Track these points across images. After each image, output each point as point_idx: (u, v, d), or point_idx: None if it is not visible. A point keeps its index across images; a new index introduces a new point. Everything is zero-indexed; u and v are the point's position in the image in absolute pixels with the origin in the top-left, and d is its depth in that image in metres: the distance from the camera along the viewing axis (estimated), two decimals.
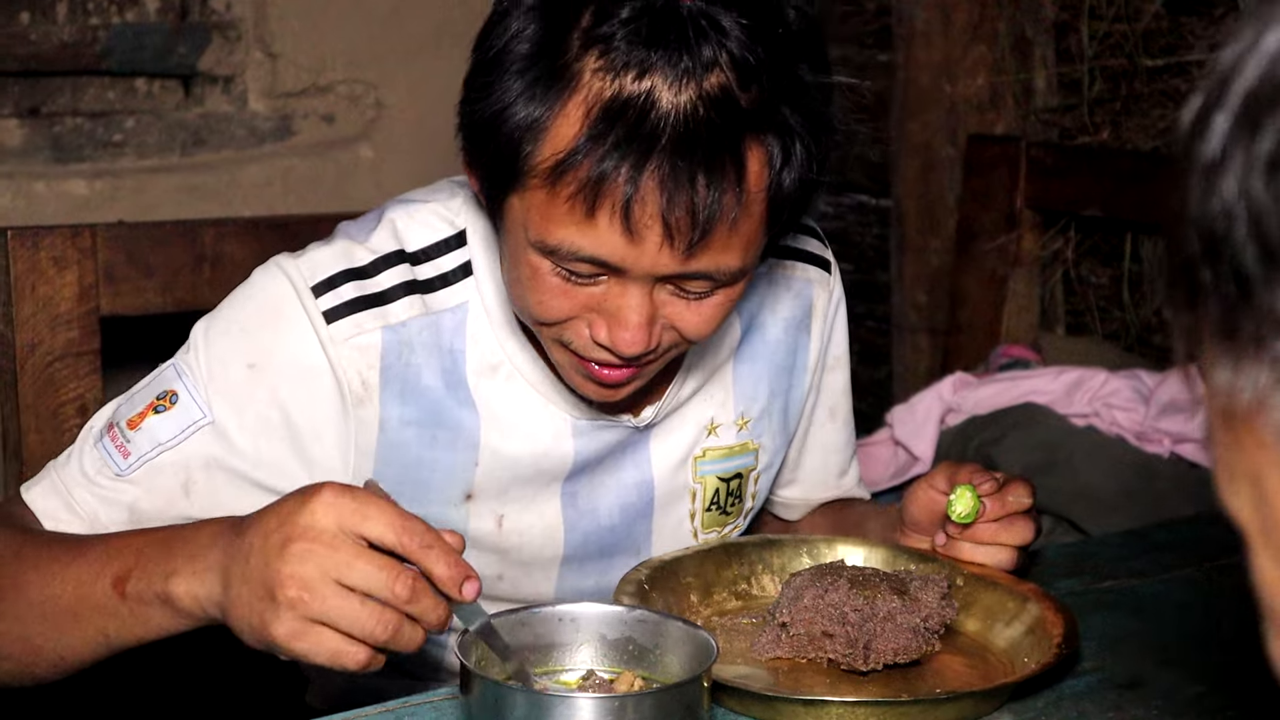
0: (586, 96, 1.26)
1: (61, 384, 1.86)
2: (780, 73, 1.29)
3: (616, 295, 1.33)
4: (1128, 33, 2.93)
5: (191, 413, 1.43)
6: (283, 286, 1.45)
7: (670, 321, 1.36)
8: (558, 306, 1.35)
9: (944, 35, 3.18)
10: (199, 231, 1.96)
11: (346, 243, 1.48)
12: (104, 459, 1.44)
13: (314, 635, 1.16)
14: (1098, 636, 1.47)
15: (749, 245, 1.33)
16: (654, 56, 1.25)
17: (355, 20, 3.04)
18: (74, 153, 2.87)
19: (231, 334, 1.45)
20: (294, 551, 1.15)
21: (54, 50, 2.81)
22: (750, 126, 1.27)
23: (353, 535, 1.16)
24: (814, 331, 1.66)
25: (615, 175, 1.25)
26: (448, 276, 1.48)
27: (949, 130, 3.21)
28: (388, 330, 1.44)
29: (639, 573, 1.45)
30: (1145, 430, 2.53)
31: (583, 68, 1.26)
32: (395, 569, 1.16)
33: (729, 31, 1.26)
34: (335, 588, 1.15)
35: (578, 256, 1.30)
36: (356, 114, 3.10)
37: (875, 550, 1.55)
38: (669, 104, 1.24)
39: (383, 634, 1.16)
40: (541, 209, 1.30)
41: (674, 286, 1.34)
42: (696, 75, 1.25)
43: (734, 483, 1.62)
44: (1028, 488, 1.52)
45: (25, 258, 1.83)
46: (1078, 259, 3.11)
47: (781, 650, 1.38)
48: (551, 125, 1.27)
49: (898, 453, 2.74)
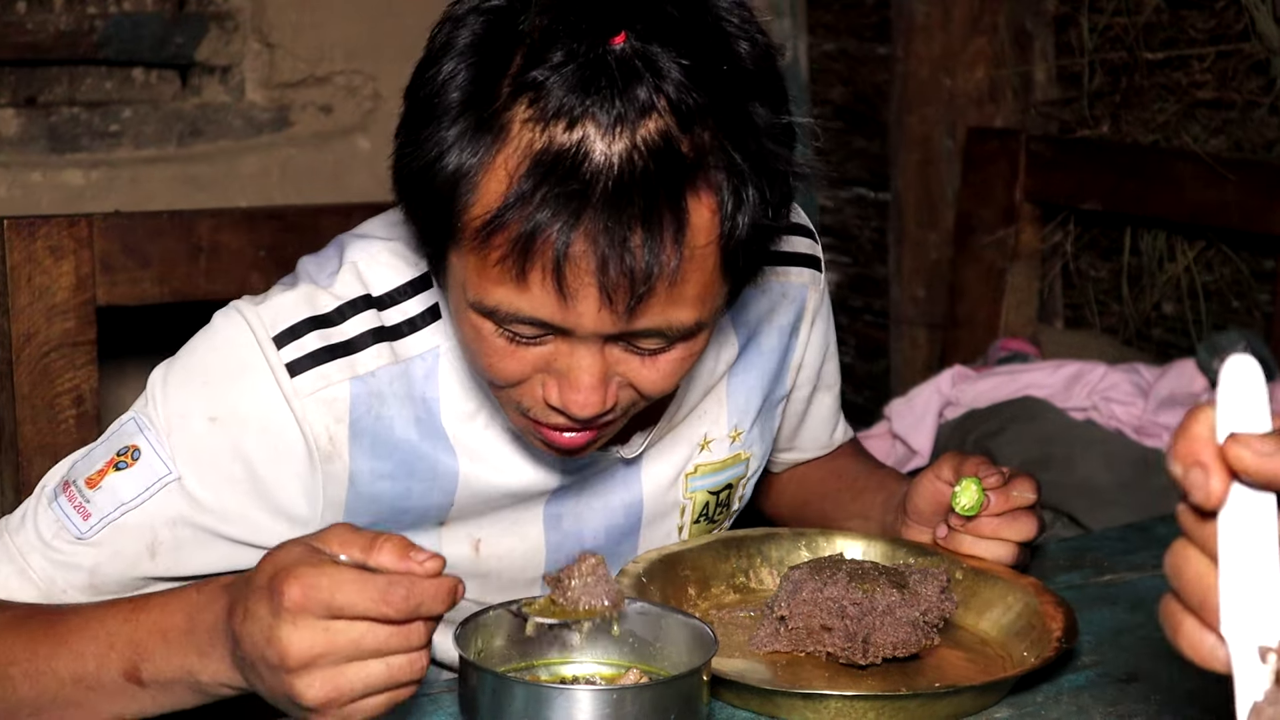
0: (517, 149, 1.17)
1: (57, 375, 1.86)
2: (728, 114, 1.20)
3: (565, 355, 1.25)
4: (1128, 26, 2.93)
5: (156, 469, 1.35)
6: (243, 336, 1.37)
7: (626, 379, 1.29)
8: (507, 369, 1.27)
9: (943, 28, 3.18)
10: (196, 222, 1.96)
11: (310, 288, 1.39)
12: (61, 521, 1.36)
13: (361, 710, 1.10)
14: (1097, 631, 1.46)
15: (703, 297, 1.24)
16: (586, 103, 1.16)
17: (353, 11, 3.03)
18: (71, 142, 2.86)
19: (191, 386, 1.37)
20: (295, 668, 1.08)
21: (51, 39, 2.81)
22: (693, 175, 1.19)
23: (334, 612, 1.08)
24: (803, 332, 1.63)
25: (545, 235, 1.16)
26: (415, 321, 1.40)
27: (948, 123, 3.20)
28: (356, 381, 1.37)
29: (637, 566, 1.44)
30: (1144, 424, 2.53)
31: (512, 117, 1.18)
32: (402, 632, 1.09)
33: (667, 73, 1.17)
34: (353, 668, 1.09)
35: (517, 318, 1.22)
36: (354, 105, 3.09)
37: (874, 544, 1.54)
38: (602, 155, 1.16)
39: (421, 671, 1.11)
40: (476, 269, 1.22)
41: (626, 343, 1.26)
42: (631, 122, 1.16)
43: (724, 493, 1.60)
44: (1032, 484, 1.51)
45: (21, 247, 1.83)
46: (1077, 252, 3.11)
47: (780, 644, 1.38)
48: (481, 180, 1.19)
49: (896, 446, 2.74)
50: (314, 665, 1.08)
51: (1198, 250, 2.88)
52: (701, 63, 1.19)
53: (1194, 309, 2.89)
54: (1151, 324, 3.00)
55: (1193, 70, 2.84)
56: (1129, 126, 2.95)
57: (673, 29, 1.20)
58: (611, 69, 1.17)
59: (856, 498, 1.73)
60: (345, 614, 1.08)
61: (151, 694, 1.22)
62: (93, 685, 1.23)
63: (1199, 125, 2.83)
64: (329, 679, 1.08)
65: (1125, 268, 3.01)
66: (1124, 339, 3.04)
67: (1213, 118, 2.82)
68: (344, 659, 1.08)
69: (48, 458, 1.81)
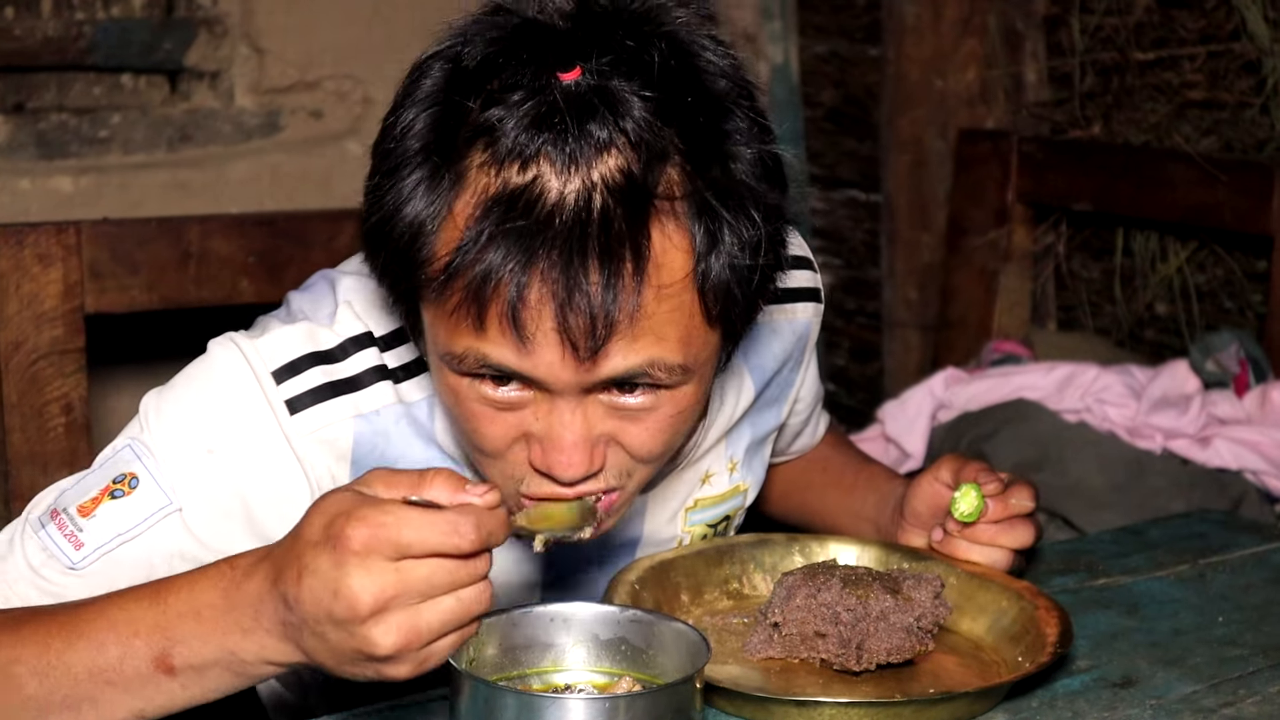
0: (474, 194, 1.15)
1: (46, 382, 1.85)
2: (697, 149, 1.16)
3: (545, 414, 1.21)
4: (1119, 26, 2.93)
5: (156, 498, 1.30)
6: (241, 371, 1.32)
7: (616, 440, 1.24)
8: (491, 434, 1.23)
9: (934, 29, 3.18)
10: (185, 228, 1.95)
11: (309, 325, 1.35)
12: (49, 549, 1.30)
13: (433, 655, 1.06)
14: (1092, 635, 1.46)
15: (686, 341, 1.19)
16: (539, 141, 1.13)
17: (343, 16, 3.02)
18: (59, 149, 2.85)
19: (188, 415, 1.32)
20: (368, 616, 1.03)
21: (39, 45, 2.80)
22: (658, 210, 1.14)
23: (403, 550, 1.04)
24: (804, 364, 1.61)
25: (498, 277, 1.13)
26: (410, 367, 1.36)
27: (939, 125, 3.20)
28: (360, 419, 1.34)
29: (631, 573, 1.44)
30: (1137, 426, 2.52)
31: (470, 164, 1.15)
32: (469, 565, 1.05)
33: (629, 109, 1.14)
34: (427, 607, 1.04)
35: (484, 364, 1.18)
36: (344, 110, 3.08)
37: (868, 549, 1.54)
38: (556, 193, 1.13)
39: (486, 603, 1.06)
40: (440, 319, 1.19)
41: (608, 397, 1.22)
42: (587, 159, 1.12)
43: (721, 525, 1.59)
44: (1031, 491, 1.51)
45: (9, 255, 1.82)
46: (1069, 254, 3.10)
47: (774, 650, 1.37)
48: (441, 228, 1.16)
49: (889, 449, 2.73)
50: (388, 609, 1.03)
51: (1190, 251, 2.88)
52: (667, 95, 1.16)
53: (1186, 310, 2.89)
54: (1144, 325, 3.00)
55: (1184, 70, 2.84)
56: (1120, 127, 2.94)
57: (633, 61, 1.16)
58: (568, 107, 1.13)
59: (847, 494, 1.72)
60: (415, 551, 1.03)
61: (181, 682, 1.14)
62: (113, 678, 1.15)
63: (1190, 126, 2.83)
64: (405, 621, 1.03)
65: (1118, 269, 3.00)
66: (1117, 340, 3.03)
67: (1204, 118, 2.81)
68: (418, 598, 1.03)
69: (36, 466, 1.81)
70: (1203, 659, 1.41)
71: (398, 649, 1.04)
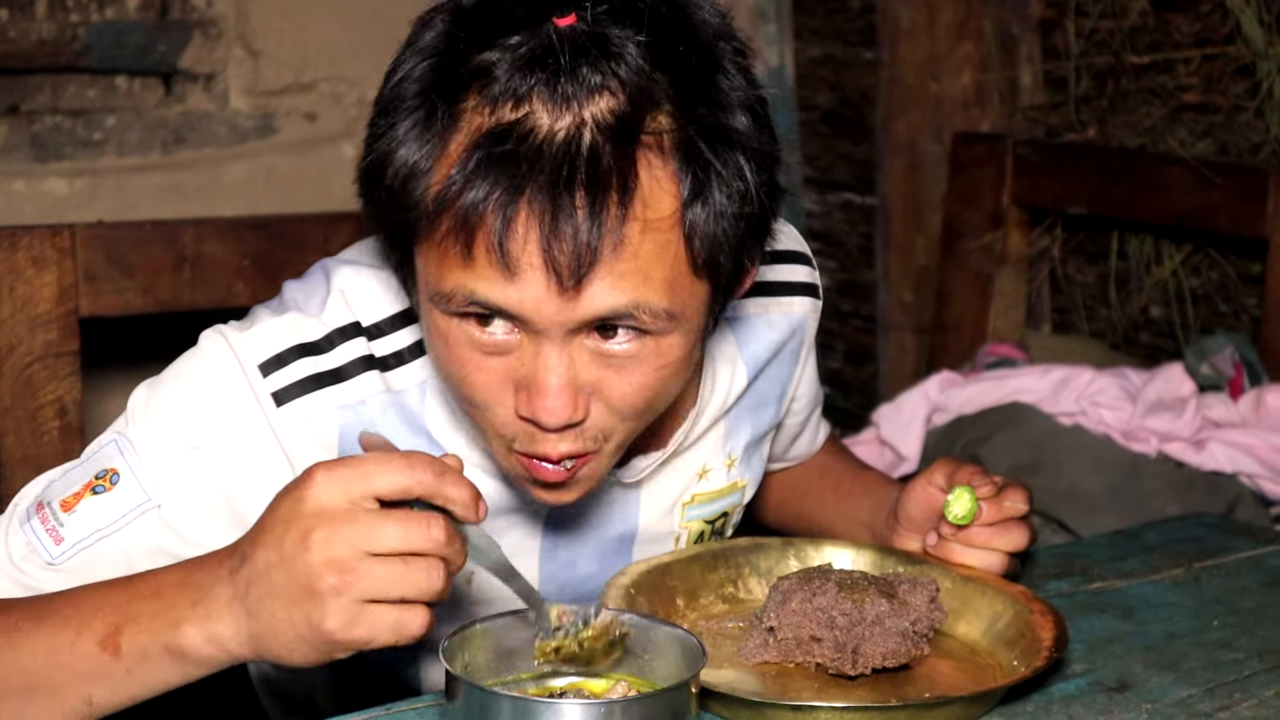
0: (468, 132, 1.18)
1: (40, 385, 1.85)
2: (688, 94, 1.19)
3: (531, 357, 1.23)
4: (1114, 29, 2.93)
5: (135, 494, 1.31)
6: (228, 363, 1.34)
7: (598, 391, 1.25)
8: (478, 381, 1.25)
9: (929, 33, 3.18)
10: (179, 231, 1.95)
11: (297, 315, 1.36)
12: (32, 544, 1.31)
13: (368, 615, 1.10)
14: (1087, 639, 1.46)
15: (672, 283, 1.21)
16: (532, 81, 1.16)
17: (337, 17, 3.02)
18: (54, 151, 2.84)
19: (174, 411, 1.33)
20: (316, 541, 1.09)
21: (33, 47, 2.79)
22: (646, 148, 1.17)
23: (365, 500, 1.10)
24: (800, 360, 1.62)
25: (486, 205, 1.15)
26: (402, 355, 1.38)
27: (934, 128, 3.20)
28: (346, 410, 1.35)
29: (625, 577, 1.43)
30: (1132, 429, 2.52)
31: (465, 105, 1.18)
32: (423, 518, 1.10)
33: (621, 52, 1.17)
34: (373, 559, 1.09)
35: (471, 300, 1.20)
36: (339, 112, 3.08)
37: (863, 553, 1.54)
38: (546, 128, 1.15)
39: (438, 581, 1.10)
40: (429, 255, 1.21)
41: (594, 344, 1.23)
42: (579, 100, 1.16)
43: (719, 522, 1.59)
44: (1024, 494, 1.51)
45: (3, 258, 1.82)
46: (1064, 257, 3.11)
47: (769, 655, 1.37)
48: (435, 167, 1.19)
49: (884, 452, 2.73)
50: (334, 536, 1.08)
51: (1185, 254, 2.88)
52: (659, 41, 1.18)
53: (1181, 313, 2.89)
54: (1139, 328, 3.00)
55: (1179, 74, 2.84)
56: (1115, 130, 2.95)
57: (628, 9, 1.19)
58: (563, 50, 1.16)
59: (843, 500, 1.72)
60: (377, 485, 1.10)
61: (125, 666, 1.16)
62: (65, 659, 1.17)
63: (1185, 129, 2.83)
64: (350, 560, 1.08)
65: (1113, 272, 3.01)
66: (1111, 343, 3.03)
67: (1199, 121, 2.82)
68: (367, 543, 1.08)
69: (31, 469, 1.81)
70: (1198, 663, 1.41)
71: (335, 588, 1.08)
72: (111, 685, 1.18)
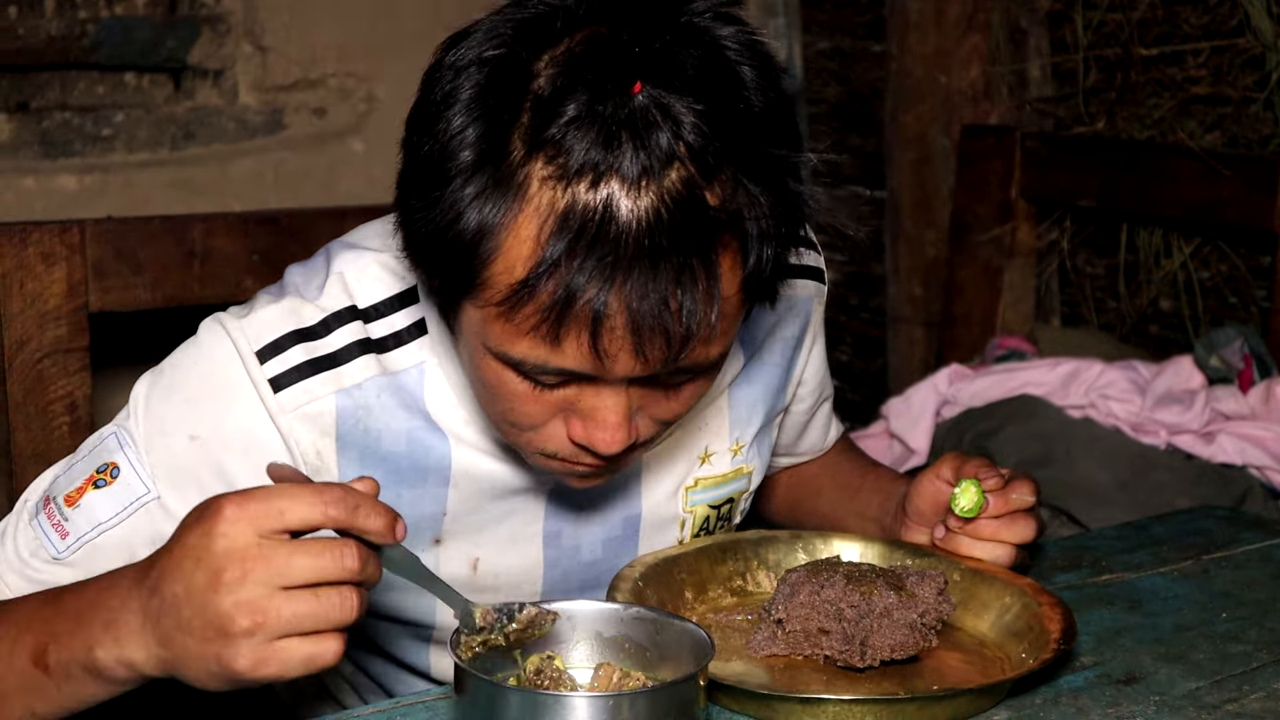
0: (538, 208, 1.15)
1: (50, 381, 1.85)
2: (746, 157, 1.18)
3: (590, 396, 1.24)
4: (1122, 22, 2.92)
5: (134, 488, 1.33)
6: (227, 352, 1.35)
7: (648, 413, 1.28)
8: (529, 412, 1.26)
9: (937, 26, 3.17)
10: (188, 227, 1.95)
11: (294, 300, 1.37)
12: (39, 539, 1.33)
13: (279, 653, 1.08)
14: (1095, 631, 1.46)
15: (728, 334, 1.25)
16: (608, 159, 1.13)
17: (346, 13, 3.03)
18: (63, 147, 2.85)
19: (173, 402, 1.35)
20: (227, 582, 1.07)
21: (42, 44, 2.80)
22: (719, 225, 1.17)
23: (276, 536, 1.09)
24: (805, 345, 1.63)
25: (579, 300, 1.14)
26: (401, 335, 1.38)
27: (943, 121, 3.20)
28: (342, 394, 1.36)
29: (634, 570, 1.44)
30: (1142, 421, 2.52)
31: (530, 175, 1.15)
32: (335, 546, 1.09)
33: (683, 121, 1.15)
34: (285, 595, 1.08)
35: (545, 370, 1.21)
36: (348, 107, 3.09)
37: (871, 546, 1.54)
38: (629, 213, 1.13)
39: (351, 611, 1.09)
40: (501, 328, 1.20)
41: (650, 381, 1.25)
42: (655, 175, 1.14)
43: (725, 508, 1.59)
44: (1032, 486, 1.51)
45: (13, 254, 1.82)
46: (1073, 250, 3.10)
47: (778, 647, 1.37)
48: (504, 242, 1.16)
49: (893, 445, 2.73)
50: (246, 578, 1.07)
51: (1194, 246, 2.88)
52: (715, 107, 1.17)
53: (1191, 305, 2.89)
54: (1148, 321, 3.00)
55: (1188, 66, 2.84)
56: (1124, 123, 2.94)
57: (684, 76, 1.17)
58: (631, 122, 1.14)
59: (853, 497, 1.72)
60: (288, 519, 1.08)
61: (56, 682, 1.17)
62: (4, 672, 1.19)
63: (1194, 121, 2.82)
64: (260, 599, 1.07)
65: (1122, 264, 3.00)
66: (1121, 336, 3.03)
67: (1208, 113, 2.81)
68: (278, 578, 1.07)
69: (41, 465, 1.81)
70: (1206, 655, 1.41)
71: (247, 630, 1.07)
72: (46, 699, 1.19)
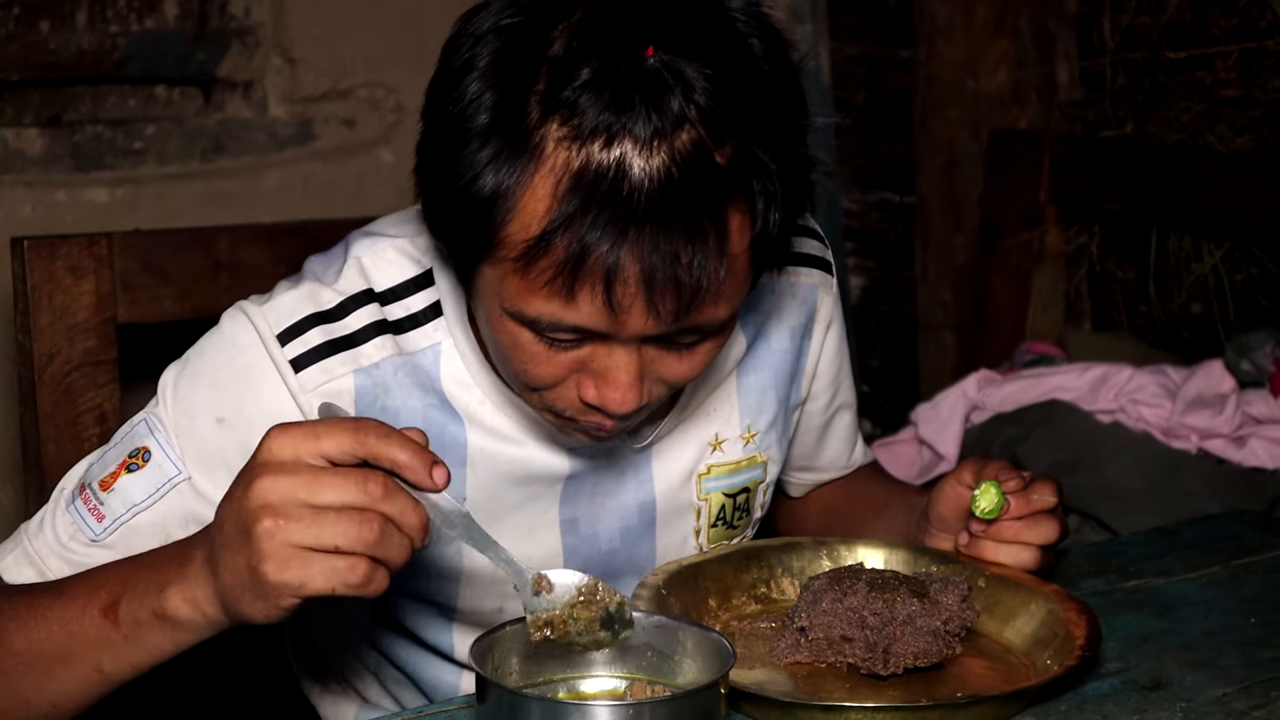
0: (554, 168, 1.20)
1: (80, 393, 1.86)
2: (753, 120, 1.23)
3: (603, 356, 1.29)
4: (1150, 25, 2.91)
5: (166, 470, 1.39)
6: (249, 336, 1.41)
7: (658, 374, 1.32)
8: (543, 373, 1.31)
9: (965, 30, 3.17)
10: (215, 238, 1.96)
11: (313, 285, 1.43)
12: (77, 524, 1.39)
13: (301, 559, 1.12)
14: (1122, 637, 1.45)
15: (737, 295, 1.29)
16: (621, 120, 1.18)
17: (374, 24, 3.04)
18: (95, 161, 2.87)
19: (199, 387, 1.41)
20: (258, 487, 1.13)
21: (74, 58, 2.82)
22: (728, 185, 1.22)
23: (312, 458, 1.14)
24: (815, 334, 1.64)
25: (593, 254, 1.19)
26: (417, 317, 1.44)
27: (972, 126, 3.19)
28: (360, 373, 1.41)
29: (656, 578, 1.44)
30: (1172, 426, 2.51)
31: (546, 136, 1.20)
32: (361, 473, 1.13)
33: (694, 84, 1.19)
34: (308, 508, 1.12)
35: (560, 327, 1.26)
36: (377, 118, 3.10)
37: (895, 552, 1.53)
38: (641, 171, 1.18)
39: (370, 534, 1.12)
40: (518, 284, 1.24)
41: (663, 342, 1.30)
42: (666, 136, 1.18)
43: (741, 497, 1.60)
44: (1053, 486, 1.51)
45: (42, 267, 1.83)
46: (1102, 254, 3.09)
47: (800, 655, 1.37)
48: (520, 200, 1.21)
49: (922, 451, 2.72)
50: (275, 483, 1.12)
51: (1224, 250, 2.86)
52: (724, 71, 1.21)
53: (1221, 309, 2.87)
54: (1179, 325, 2.98)
55: (1217, 69, 2.82)
56: (1153, 126, 2.93)
57: (693, 40, 1.21)
58: (643, 84, 1.19)
59: (880, 515, 1.72)
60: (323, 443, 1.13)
61: (124, 633, 1.23)
62: (74, 628, 1.25)
63: (1224, 124, 2.81)
64: (288, 504, 1.12)
65: (1151, 268, 2.99)
66: (1151, 340, 3.02)
67: (1238, 116, 2.79)
68: (304, 487, 1.12)
69: None
70: (1234, 661, 1.40)
71: (268, 530, 1.12)
72: (114, 653, 1.25)
